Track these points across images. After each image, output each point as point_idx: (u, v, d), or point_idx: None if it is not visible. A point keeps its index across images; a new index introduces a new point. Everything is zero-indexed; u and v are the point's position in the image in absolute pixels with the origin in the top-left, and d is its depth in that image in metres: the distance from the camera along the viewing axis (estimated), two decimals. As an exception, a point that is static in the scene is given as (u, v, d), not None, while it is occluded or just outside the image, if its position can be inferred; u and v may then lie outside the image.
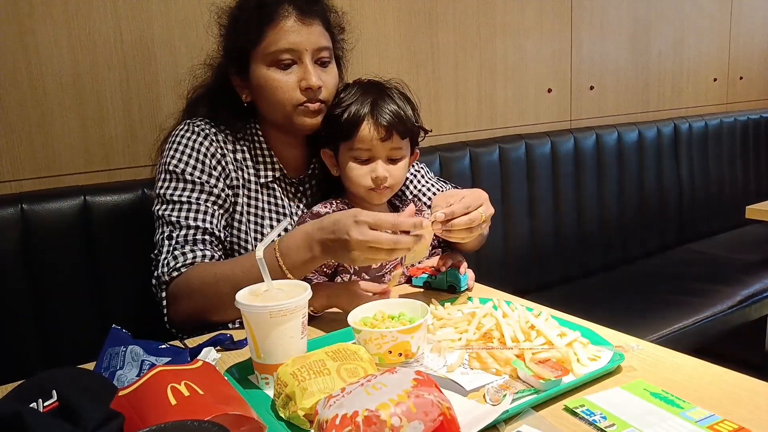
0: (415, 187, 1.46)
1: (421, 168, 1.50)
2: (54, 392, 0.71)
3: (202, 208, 1.23)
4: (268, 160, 1.33)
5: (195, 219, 1.22)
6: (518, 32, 2.29)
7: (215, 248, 1.24)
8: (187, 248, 1.19)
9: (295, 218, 1.34)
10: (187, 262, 1.17)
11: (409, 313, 0.95)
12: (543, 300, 1.18)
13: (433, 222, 1.03)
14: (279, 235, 1.29)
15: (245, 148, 1.33)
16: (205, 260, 1.19)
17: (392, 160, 1.27)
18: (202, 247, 1.21)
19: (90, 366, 0.92)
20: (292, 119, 1.28)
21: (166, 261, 1.18)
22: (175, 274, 1.17)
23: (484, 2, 2.18)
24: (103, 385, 0.78)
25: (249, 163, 1.33)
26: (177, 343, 1.03)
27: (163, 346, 0.95)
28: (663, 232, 2.66)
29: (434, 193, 1.44)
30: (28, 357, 1.34)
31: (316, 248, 1.06)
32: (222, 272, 1.13)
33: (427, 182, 1.47)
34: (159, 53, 1.58)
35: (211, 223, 1.23)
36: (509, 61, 2.29)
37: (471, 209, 1.06)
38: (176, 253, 1.19)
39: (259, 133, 1.34)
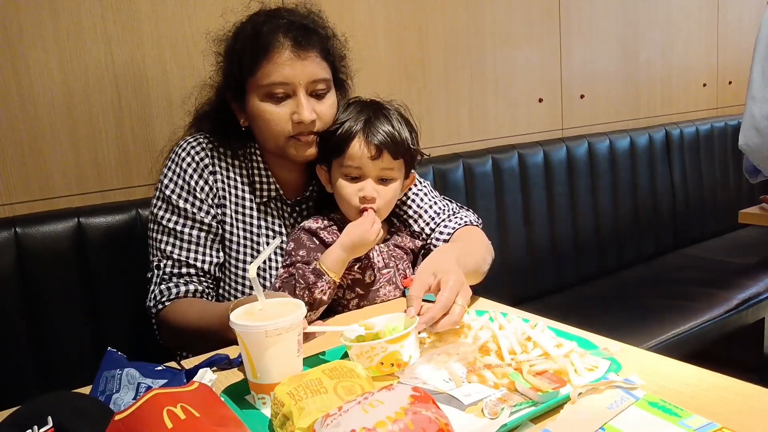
0: (418, 205, 1.40)
1: (425, 186, 1.45)
2: (49, 418, 0.70)
3: (186, 238, 1.26)
4: (264, 180, 1.33)
5: (180, 253, 1.25)
6: (507, 43, 2.31)
7: (201, 281, 1.27)
8: (173, 282, 1.24)
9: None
10: (172, 297, 1.23)
11: (402, 325, 0.96)
12: (539, 308, 1.19)
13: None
14: (273, 251, 1.31)
15: (243, 167, 1.33)
16: (189, 295, 1.24)
17: (383, 181, 1.26)
18: (187, 280, 1.25)
19: (86, 389, 0.91)
20: (284, 150, 1.28)
21: (153, 294, 1.25)
22: (160, 306, 1.23)
23: (473, 14, 2.20)
24: (99, 409, 0.77)
25: (245, 180, 1.33)
26: (173, 364, 1.03)
27: (159, 368, 0.94)
28: (657, 238, 2.66)
29: (432, 216, 1.38)
30: (24, 380, 1.34)
31: None
32: (201, 316, 1.18)
33: (428, 201, 1.41)
34: (151, 74, 1.58)
35: (196, 253, 1.26)
36: (499, 72, 2.30)
37: (449, 305, 0.98)
38: (162, 287, 1.24)
39: (258, 154, 1.33)
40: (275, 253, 1.32)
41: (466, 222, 1.38)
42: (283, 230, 1.35)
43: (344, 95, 1.39)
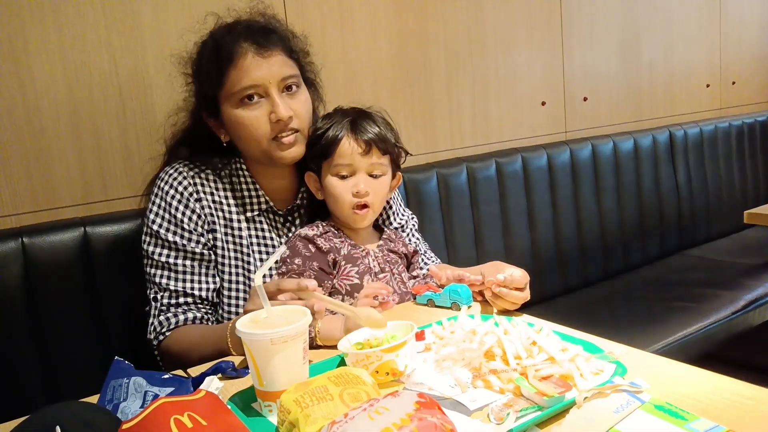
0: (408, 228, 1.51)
1: (412, 217, 1.53)
2: (57, 428, 0.71)
3: (180, 269, 1.27)
4: (253, 194, 1.34)
5: (176, 284, 1.27)
6: (509, 46, 2.31)
7: (198, 308, 1.28)
8: (171, 313, 1.26)
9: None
10: (171, 327, 1.25)
11: (401, 334, 0.97)
12: (545, 312, 1.19)
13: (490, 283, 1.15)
14: (276, 261, 1.31)
15: (228, 185, 1.33)
16: (188, 323, 1.26)
17: (373, 176, 1.29)
18: (185, 309, 1.27)
19: (93, 399, 0.92)
20: (269, 154, 1.28)
21: (153, 327, 1.27)
22: (161, 338, 1.25)
23: (474, 18, 2.20)
24: (107, 418, 0.78)
25: (231, 201, 1.33)
26: (180, 372, 1.03)
27: (166, 376, 0.95)
28: (663, 239, 2.66)
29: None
30: (31, 390, 1.34)
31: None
32: (197, 340, 1.21)
33: (413, 236, 1.51)
34: (155, 83, 1.59)
35: (191, 281, 1.28)
36: (501, 76, 2.31)
37: (526, 281, 1.17)
38: (161, 317, 1.26)
39: (243, 168, 1.34)
40: (277, 263, 1.32)
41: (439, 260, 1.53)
42: (277, 242, 1.35)
43: (317, 96, 1.41)
